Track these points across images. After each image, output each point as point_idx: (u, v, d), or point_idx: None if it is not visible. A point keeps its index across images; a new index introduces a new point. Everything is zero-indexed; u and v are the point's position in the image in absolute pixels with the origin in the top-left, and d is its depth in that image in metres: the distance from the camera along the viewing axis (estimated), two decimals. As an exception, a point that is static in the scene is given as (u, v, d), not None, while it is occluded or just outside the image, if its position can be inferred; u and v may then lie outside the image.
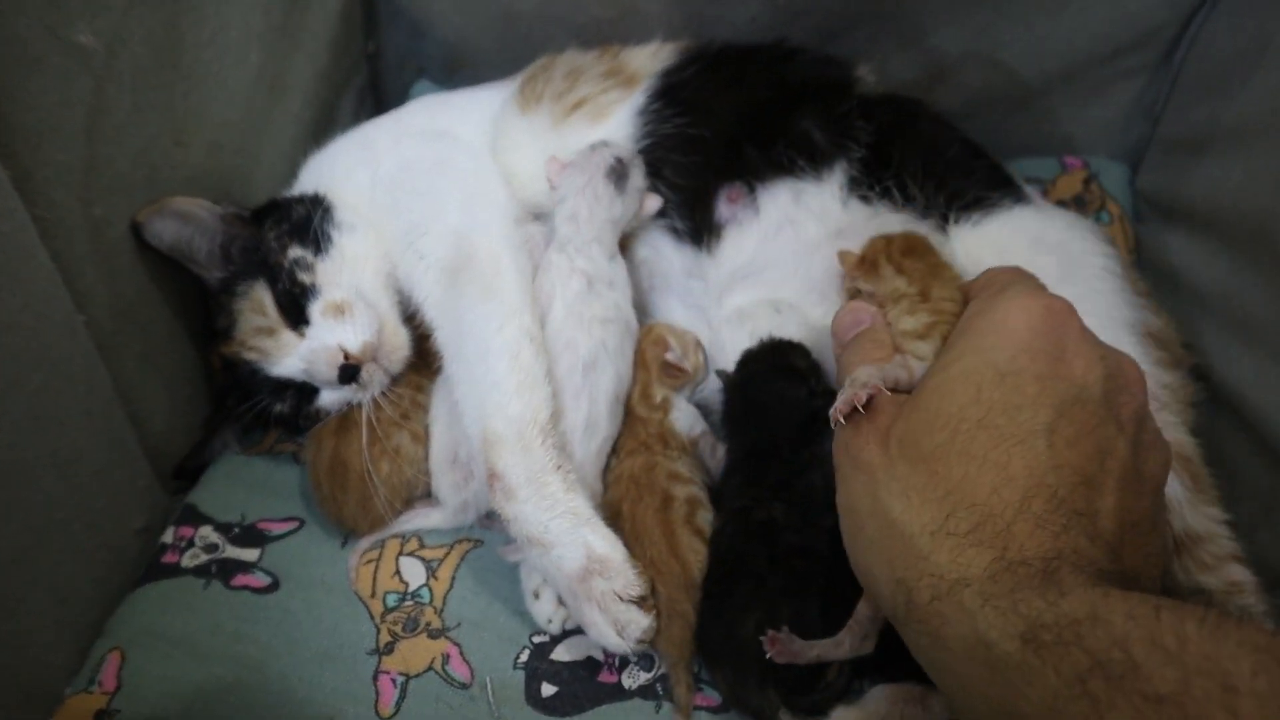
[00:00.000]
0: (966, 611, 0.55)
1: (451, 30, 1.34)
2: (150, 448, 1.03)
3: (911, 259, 0.86)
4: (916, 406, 0.68)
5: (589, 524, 0.87)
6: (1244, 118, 1.05)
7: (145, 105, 0.96)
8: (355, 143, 1.16)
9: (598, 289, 0.98)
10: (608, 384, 0.96)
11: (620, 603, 0.84)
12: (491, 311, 0.94)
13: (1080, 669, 0.48)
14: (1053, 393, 0.64)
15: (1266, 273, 0.97)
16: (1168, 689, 0.45)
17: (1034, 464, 0.61)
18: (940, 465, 0.63)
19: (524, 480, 0.88)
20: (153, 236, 0.99)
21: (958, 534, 0.59)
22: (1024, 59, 1.23)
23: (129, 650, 0.92)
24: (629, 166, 1.01)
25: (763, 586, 0.83)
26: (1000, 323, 0.69)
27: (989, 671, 0.53)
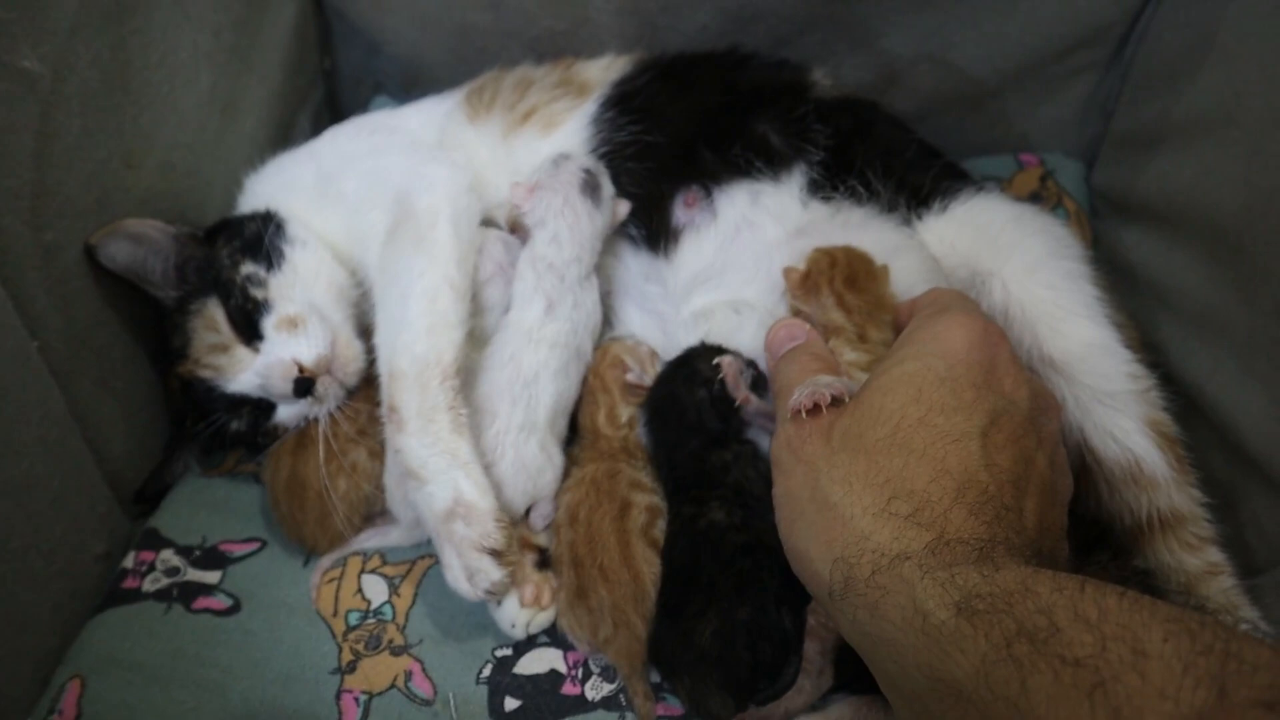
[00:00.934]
0: (906, 582, 0.58)
1: (407, 46, 1.34)
2: (110, 472, 1.02)
3: (852, 292, 0.88)
4: (860, 403, 0.71)
5: (464, 468, 0.88)
6: (1193, 113, 1.06)
7: (94, 129, 0.96)
8: (301, 152, 1.16)
9: (558, 312, 0.98)
10: (547, 399, 0.96)
11: (475, 551, 0.86)
12: (418, 261, 0.95)
13: (1008, 634, 0.50)
14: (986, 401, 0.68)
15: (1221, 267, 0.97)
16: (1084, 653, 0.47)
17: (968, 461, 0.64)
18: (881, 456, 0.66)
19: (415, 414, 0.89)
20: (106, 259, 0.99)
21: (899, 515, 0.62)
22: (976, 59, 1.23)
23: (89, 678, 0.91)
24: (599, 177, 1.01)
25: (714, 593, 0.83)
26: (941, 334, 0.73)
27: (924, 639, 0.55)
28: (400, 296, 0.94)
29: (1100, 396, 0.87)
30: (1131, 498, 0.86)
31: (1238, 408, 0.93)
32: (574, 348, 0.99)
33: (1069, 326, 0.91)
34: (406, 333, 0.92)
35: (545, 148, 1.07)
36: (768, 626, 0.82)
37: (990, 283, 0.95)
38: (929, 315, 0.78)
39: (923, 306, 0.83)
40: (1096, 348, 0.89)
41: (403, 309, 0.94)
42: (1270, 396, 0.89)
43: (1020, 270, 0.94)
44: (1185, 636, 0.46)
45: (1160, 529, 0.85)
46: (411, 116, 1.18)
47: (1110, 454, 0.87)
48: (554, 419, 0.97)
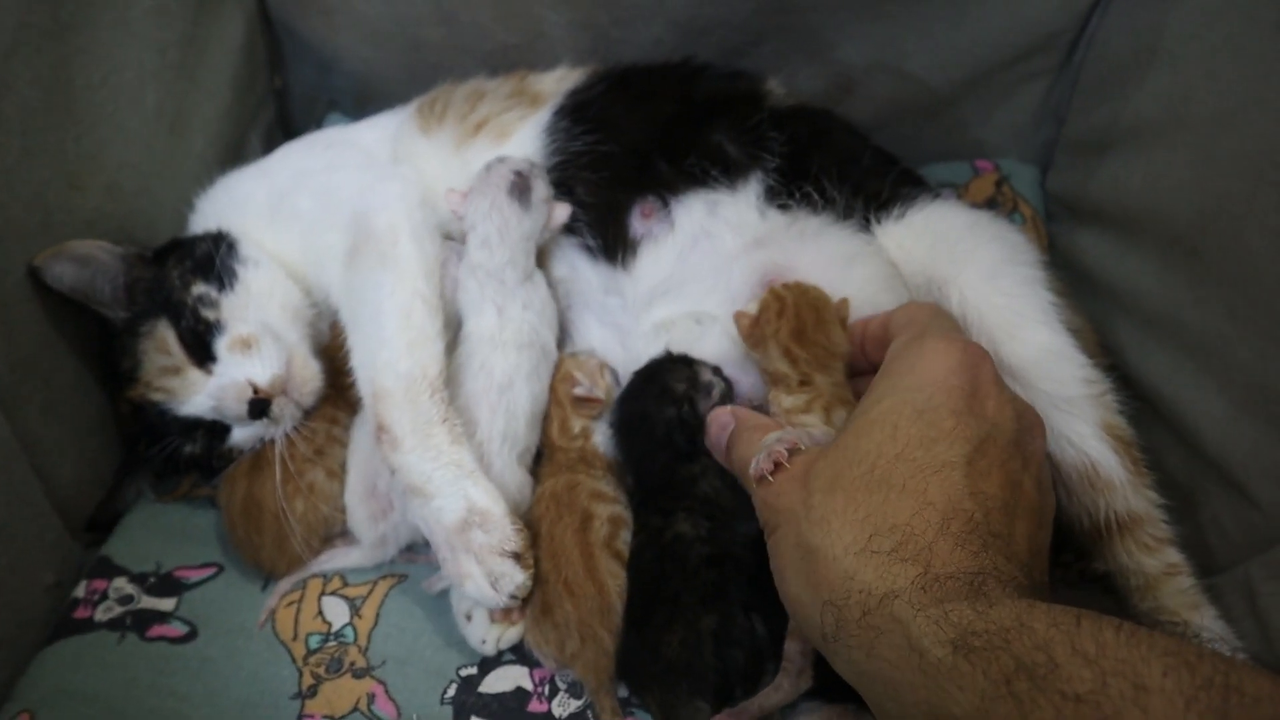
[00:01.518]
0: (899, 622, 0.57)
1: (360, 62, 1.33)
2: (60, 500, 0.99)
3: (800, 345, 0.87)
4: (836, 447, 0.70)
5: (471, 476, 0.88)
6: (1141, 117, 1.07)
7: (36, 149, 0.94)
8: (251, 170, 1.15)
9: (509, 314, 0.97)
10: (524, 402, 0.96)
11: (497, 556, 0.85)
12: (385, 278, 0.95)
13: (1007, 671, 0.50)
14: (969, 428, 0.67)
15: (1173, 269, 0.98)
16: (1085, 689, 0.47)
17: (951, 492, 0.63)
18: (860, 494, 0.65)
19: (409, 431, 0.89)
20: (53, 279, 0.96)
21: (881, 552, 0.61)
22: (929, 68, 1.24)
23: (39, 712, 0.88)
24: (530, 179, 0.99)
25: (679, 604, 0.82)
26: (918, 364, 0.72)
27: (921, 678, 0.54)
28: (373, 316, 0.93)
29: (1056, 402, 0.88)
30: (1089, 501, 0.87)
31: (1195, 409, 0.94)
32: (539, 346, 0.98)
33: (1025, 333, 0.91)
34: (386, 351, 0.91)
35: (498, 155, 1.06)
36: (735, 633, 0.81)
37: (947, 290, 0.95)
38: (905, 343, 0.76)
39: (899, 328, 0.81)
40: (1052, 353, 0.90)
41: (378, 328, 0.93)
42: (1227, 397, 0.90)
43: (976, 278, 0.94)
44: (1185, 670, 0.46)
45: (1118, 531, 0.86)
46: (365, 132, 1.17)
47: (1067, 458, 0.87)
48: (532, 424, 0.96)
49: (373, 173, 1.07)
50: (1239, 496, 0.88)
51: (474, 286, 0.98)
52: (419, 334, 0.92)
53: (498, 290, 0.98)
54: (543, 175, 1.01)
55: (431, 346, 0.92)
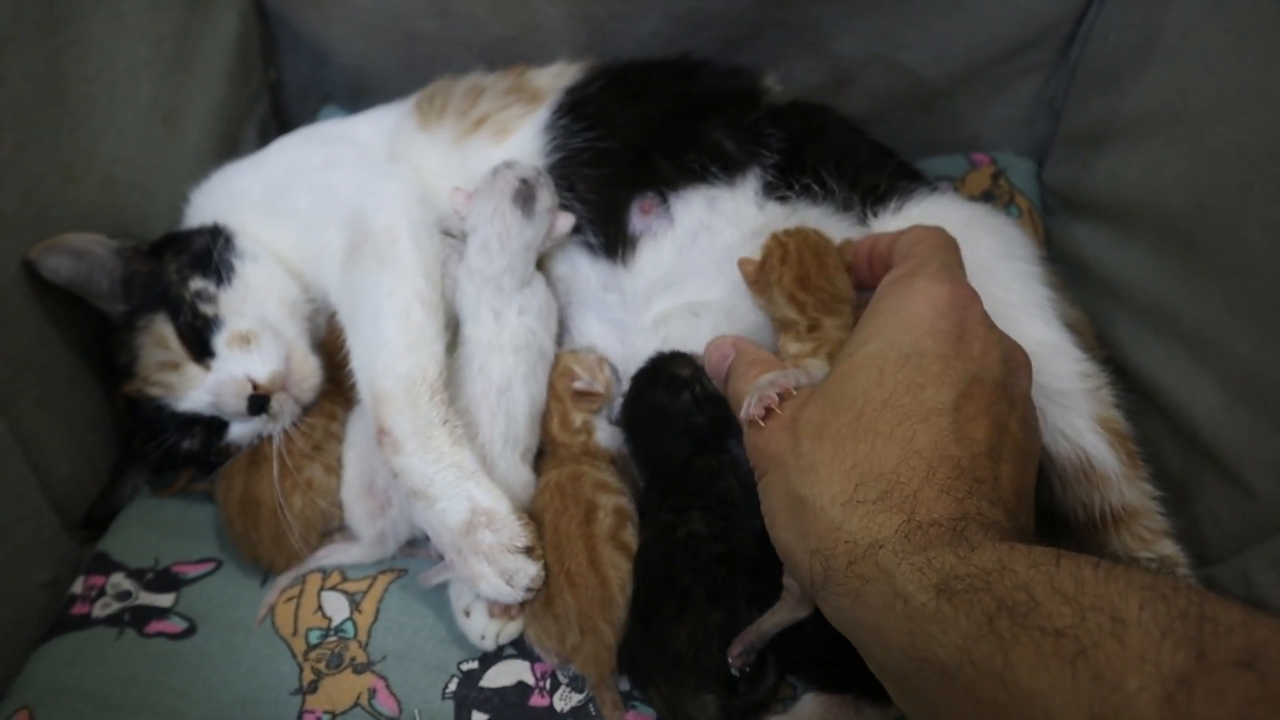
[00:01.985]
0: (884, 570, 0.58)
1: (354, 55, 1.32)
2: (55, 496, 0.99)
3: (805, 291, 0.86)
4: (823, 392, 0.71)
5: (473, 477, 0.88)
6: (1139, 110, 1.07)
7: (30, 142, 0.93)
8: (247, 164, 1.14)
9: (505, 319, 0.97)
10: (522, 404, 0.96)
11: (507, 553, 0.86)
12: (385, 279, 0.94)
13: (988, 611, 0.51)
14: (955, 371, 0.68)
15: (1170, 261, 0.99)
16: (1065, 624, 0.48)
17: (938, 438, 0.64)
18: (847, 442, 0.66)
19: (410, 434, 0.88)
20: (49, 272, 0.96)
21: (867, 501, 0.62)
22: (925, 60, 1.24)
23: (37, 709, 0.88)
24: (535, 188, 0.99)
25: (688, 599, 0.82)
26: (905, 306, 0.72)
27: (906, 622, 0.56)
28: (372, 317, 0.93)
29: (1052, 395, 0.88)
30: (1084, 494, 0.87)
31: (1191, 401, 0.94)
32: (536, 348, 0.98)
33: (1021, 327, 0.90)
34: (386, 353, 0.91)
35: (498, 155, 1.06)
36: (740, 629, 0.81)
37: None
38: (895, 281, 0.76)
39: (900, 257, 0.80)
40: (1047, 347, 0.89)
41: (377, 329, 0.92)
42: (1223, 389, 0.90)
43: (973, 272, 0.94)
44: (1160, 603, 0.47)
45: (1113, 524, 0.86)
46: (361, 126, 1.16)
47: (1062, 452, 0.87)
48: (532, 424, 0.96)
49: (370, 170, 1.06)
50: (1235, 487, 0.88)
51: (471, 291, 0.98)
52: (418, 335, 0.92)
53: (494, 296, 0.97)
54: (549, 184, 1.00)
55: (430, 348, 0.92)
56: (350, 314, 0.97)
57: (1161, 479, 0.92)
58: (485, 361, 0.95)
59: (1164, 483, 0.92)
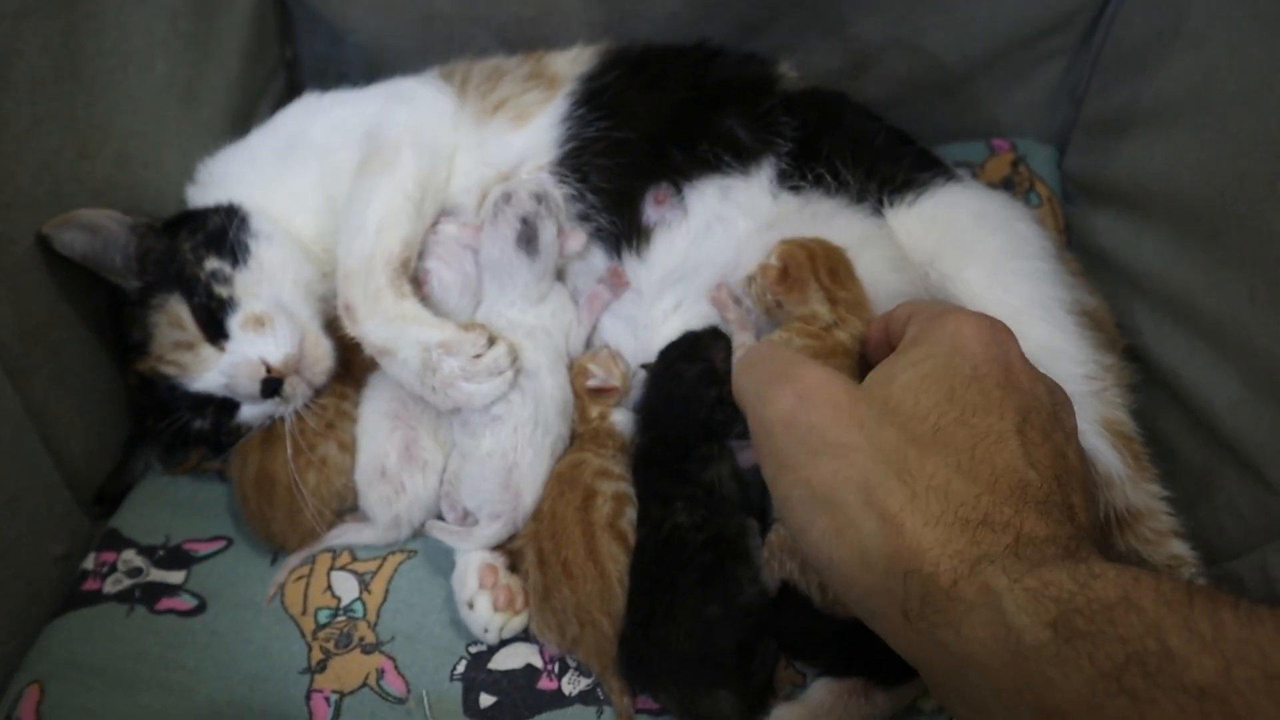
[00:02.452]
0: (993, 593, 0.52)
1: (370, 34, 1.31)
2: (68, 472, 0.99)
3: (837, 285, 0.86)
4: (889, 399, 0.65)
5: (415, 320, 0.94)
6: (1163, 98, 1.05)
7: (45, 117, 0.93)
8: (254, 136, 1.14)
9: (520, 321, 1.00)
10: (551, 390, 0.96)
11: (479, 358, 0.91)
12: (381, 181, 0.99)
13: (1116, 662, 0.46)
14: (1013, 399, 0.64)
15: (1192, 251, 0.97)
16: (1208, 680, 0.43)
17: (1014, 461, 0.60)
18: (934, 455, 0.60)
19: (362, 299, 0.94)
20: (63, 246, 0.96)
21: (972, 521, 0.57)
22: (946, 45, 1.23)
23: (48, 683, 0.88)
24: (537, 225, 0.98)
25: (677, 591, 0.82)
26: (954, 335, 0.68)
27: (1015, 662, 0.50)
28: (360, 210, 0.98)
29: None
30: None
31: (1212, 392, 0.93)
32: (553, 348, 0.99)
33: (1024, 330, 0.87)
34: (360, 237, 0.97)
35: (517, 141, 1.06)
36: (738, 615, 0.81)
37: (951, 284, 0.94)
38: (930, 318, 0.72)
39: (916, 309, 0.77)
40: (1052, 351, 0.89)
41: (361, 220, 0.97)
42: (1244, 381, 0.89)
43: (979, 273, 0.94)
44: None
45: (1119, 526, 0.85)
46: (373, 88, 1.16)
47: None
48: (562, 414, 0.97)
49: (388, 93, 1.11)
50: (1256, 481, 0.87)
51: (486, 311, 1.01)
52: (391, 220, 0.97)
53: (509, 307, 1.00)
54: (550, 214, 0.99)
55: (398, 231, 0.97)
56: (345, 212, 1.01)
57: (1181, 471, 0.92)
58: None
59: (1183, 475, 0.92)
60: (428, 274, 1.00)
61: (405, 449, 0.97)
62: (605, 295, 1.03)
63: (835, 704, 0.82)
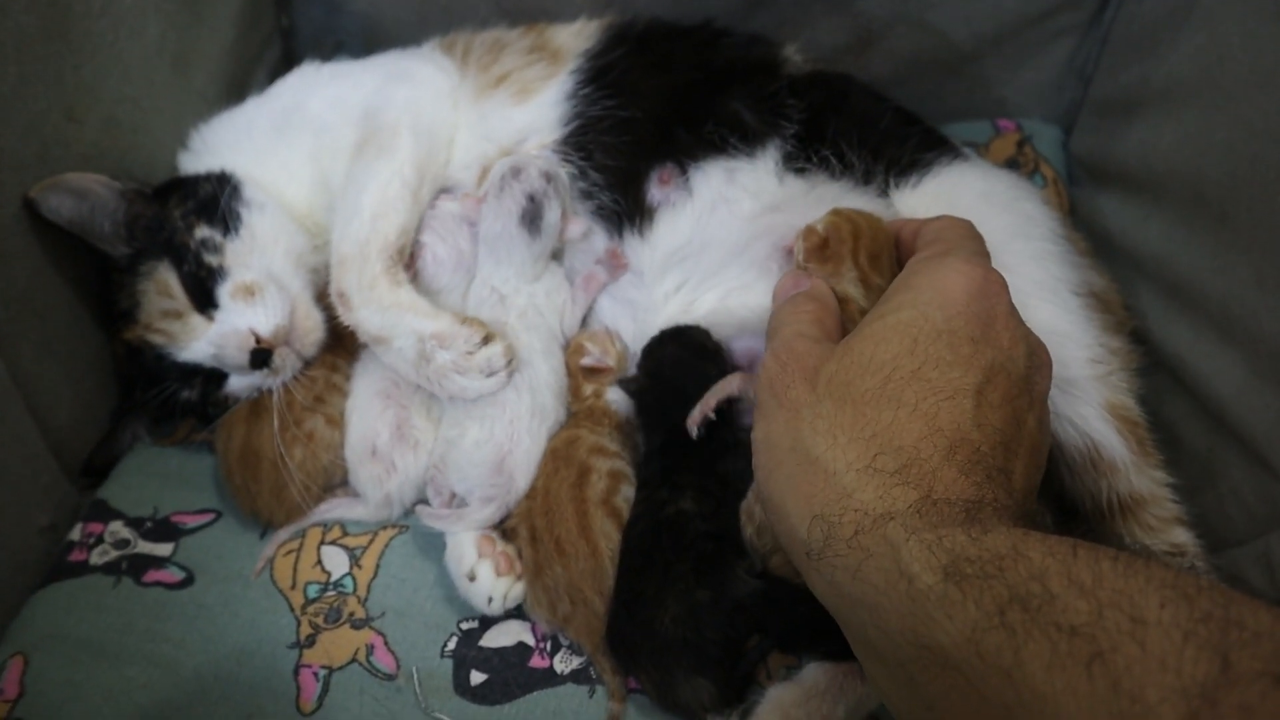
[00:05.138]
0: (891, 544, 0.55)
1: (369, 3, 1.29)
2: (55, 442, 0.97)
3: (875, 270, 0.85)
4: (850, 350, 0.68)
5: (412, 309, 0.93)
6: (1173, 79, 1.04)
7: (32, 77, 0.91)
8: (249, 103, 1.12)
9: (512, 301, 0.98)
10: (546, 376, 0.95)
11: (471, 355, 0.90)
12: (379, 165, 0.98)
13: (1000, 601, 0.49)
14: (983, 357, 0.65)
15: (1199, 234, 0.96)
16: (1080, 620, 0.46)
17: (960, 419, 0.62)
18: (869, 408, 0.63)
19: (356, 287, 0.93)
20: (49, 211, 0.94)
21: (884, 472, 0.60)
22: (953, 22, 1.21)
23: (32, 655, 0.87)
24: (542, 204, 0.97)
25: (669, 575, 0.81)
26: (940, 283, 0.70)
27: (909, 604, 0.53)
28: (356, 194, 0.97)
29: (1060, 383, 0.85)
30: (1091, 482, 0.86)
31: (1217, 378, 0.92)
32: (545, 328, 0.98)
33: (1030, 312, 0.87)
34: (355, 221, 0.95)
35: (518, 117, 1.04)
36: (729, 608, 0.80)
37: None
38: (928, 259, 0.74)
39: (927, 243, 0.78)
40: (1057, 334, 0.87)
41: (357, 205, 0.96)
42: (1249, 367, 0.88)
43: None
44: (1183, 602, 0.44)
45: (1121, 512, 0.85)
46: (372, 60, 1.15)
47: (1069, 440, 0.86)
48: (557, 399, 0.96)
49: (386, 71, 1.08)
50: (1260, 468, 0.86)
51: (480, 285, 0.99)
52: (389, 206, 0.96)
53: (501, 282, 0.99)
54: (557, 195, 0.98)
55: (396, 218, 0.96)
56: (341, 194, 1.00)
57: (1184, 458, 0.91)
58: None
59: (1187, 461, 0.91)
60: (421, 248, 0.98)
61: (397, 428, 0.95)
62: (602, 277, 1.01)
63: (830, 685, 0.81)
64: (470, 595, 0.88)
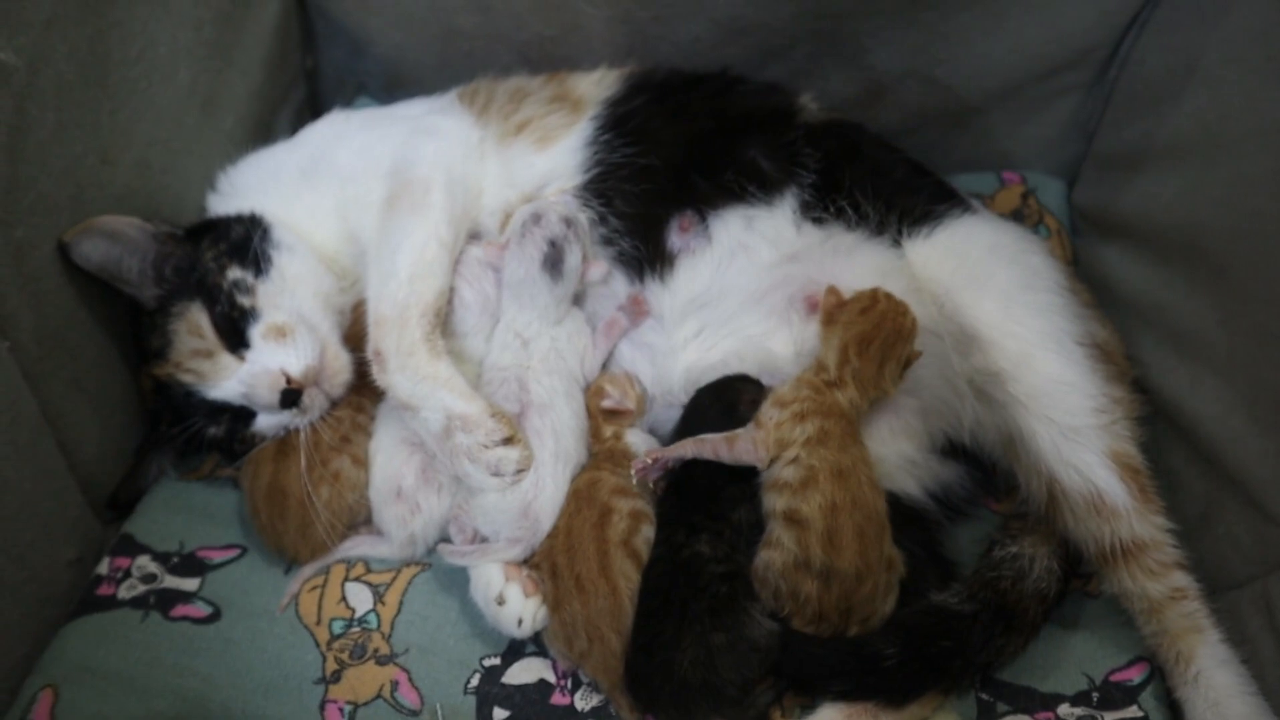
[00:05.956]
0: None
1: (392, 47, 1.32)
2: (83, 476, 0.99)
3: (859, 353, 0.89)
4: None
5: (447, 385, 0.94)
6: (1175, 135, 1.07)
7: (70, 123, 0.94)
8: (280, 147, 1.15)
9: (534, 346, 1.00)
10: (568, 419, 0.97)
11: (487, 449, 0.90)
12: (413, 223, 1.00)
13: None
14: None
15: (1198, 286, 0.99)
16: None
17: None
18: None
19: (394, 351, 0.94)
20: (80, 257, 0.96)
21: None
22: (962, 77, 1.24)
23: (62, 687, 0.89)
24: (564, 249, 0.99)
25: (686, 617, 0.83)
26: None
27: None
28: (391, 253, 0.98)
29: (1065, 431, 0.90)
30: (1095, 527, 0.89)
31: (1215, 424, 0.95)
32: (566, 372, 0.99)
33: (1036, 364, 0.93)
34: (392, 283, 0.97)
35: (540, 163, 1.07)
36: (743, 649, 0.83)
37: (965, 316, 0.96)
38: None
39: None
40: (1063, 384, 0.92)
41: (392, 263, 0.98)
42: (1247, 414, 0.91)
43: (993, 306, 0.96)
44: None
45: (1123, 557, 0.88)
46: (401, 107, 1.17)
47: (1073, 485, 0.89)
48: (579, 441, 0.97)
49: (413, 125, 1.10)
50: (1256, 513, 0.89)
51: (504, 330, 1.02)
52: (425, 269, 0.98)
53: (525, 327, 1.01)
54: (578, 240, 1.01)
55: (433, 280, 0.98)
56: (375, 252, 1.01)
57: (1183, 502, 0.94)
58: (524, 383, 0.97)
59: (1186, 505, 0.94)
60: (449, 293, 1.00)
61: (421, 471, 0.97)
62: (623, 322, 1.03)
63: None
64: (500, 620, 0.89)
